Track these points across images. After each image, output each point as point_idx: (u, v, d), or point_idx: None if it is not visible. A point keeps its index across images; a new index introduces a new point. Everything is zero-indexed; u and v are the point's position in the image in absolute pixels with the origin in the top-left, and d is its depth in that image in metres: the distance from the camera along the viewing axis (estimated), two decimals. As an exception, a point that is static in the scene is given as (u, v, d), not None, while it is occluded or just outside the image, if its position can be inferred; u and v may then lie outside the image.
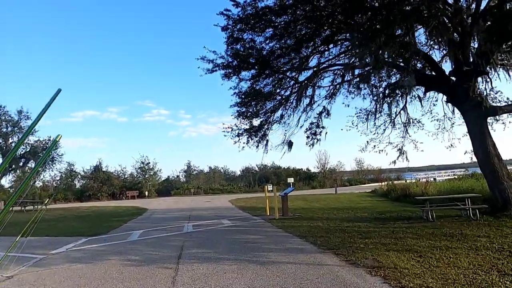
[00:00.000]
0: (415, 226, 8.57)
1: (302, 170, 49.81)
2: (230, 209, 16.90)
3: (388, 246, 6.30)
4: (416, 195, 17.84)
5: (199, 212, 15.94)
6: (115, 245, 7.96)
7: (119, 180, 38.10)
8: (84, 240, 9.09)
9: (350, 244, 6.69)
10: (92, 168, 37.99)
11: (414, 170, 56.76)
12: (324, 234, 7.99)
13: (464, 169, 40.98)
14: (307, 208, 15.64)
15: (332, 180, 48.42)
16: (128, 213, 17.59)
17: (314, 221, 10.71)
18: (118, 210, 19.68)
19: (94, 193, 36.00)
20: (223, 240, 7.92)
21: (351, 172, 55.82)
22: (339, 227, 9.02)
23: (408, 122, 14.46)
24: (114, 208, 22.02)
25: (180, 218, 13.57)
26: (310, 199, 20.59)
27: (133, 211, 18.75)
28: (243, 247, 6.96)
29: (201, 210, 17.08)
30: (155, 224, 11.89)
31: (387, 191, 22.32)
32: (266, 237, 8.10)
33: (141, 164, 39.85)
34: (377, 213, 12.35)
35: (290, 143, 11.64)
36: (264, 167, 50.35)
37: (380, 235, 7.50)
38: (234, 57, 9.95)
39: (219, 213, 14.98)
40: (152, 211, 18.06)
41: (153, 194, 39.14)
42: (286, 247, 6.75)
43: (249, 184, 44.37)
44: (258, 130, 11.78)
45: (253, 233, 8.75)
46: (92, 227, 11.94)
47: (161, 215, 15.92)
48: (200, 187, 43.51)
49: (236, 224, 10.95)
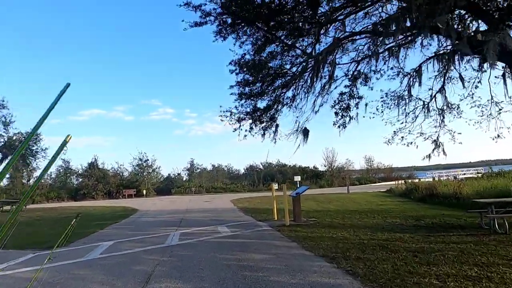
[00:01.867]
0: (485, 241, 6.09)
1: (309, 168, 47.25)
2: (230, 211, 14.50)
3: (481, 284, 3.85)
4: (445, 195, 15.52)
5: (194, 215, 13.57)
6: (59, 268, 5.56)
7: (115, 178, 35.84)
8: (30, 256, 6.75)
9: (411, 276, 4.24)
10: (87, 165, 35.79)
11: (419, 169, 53.93)
12: (360, 253, 5.55)
13: (481, 167, 38.31)
14: (321, 210, 13.19)
15: (341, 178, 45.87)
16: (114, 215, 15.27)
17: (336, 229, 8.27)
18: (105, 212, 17.39)
19: (89, 191, 33.83)
20: (213, 262, 5.50)
21: (359, 170, 53.19)
22: (376, 241, 6.57)
23: (447, 107, 11.94)
24: (102, 208, 19.74)
25: (169, 223, 11.20)
26: (321, 200, 18.11)
27: (120, 212, 16.43)
28: (240, 279, 4.55)
29: (198, 212, 14.71)
30: (136, 232, 9.53)
31: (407, 191, 20.15)
32: (275, 257, 5.66)
33: (139, 161, 37.56)
34: (411, 218, 9.88)
35: (305, 131, 9.04)
36: (269, 165, 47.91)
37: (448, 258, 5.03)
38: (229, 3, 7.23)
39: (217, 217, 12.58)
40: (141, 213, 15.73)
41: (152, 193, 36.87)
42: (309, 281, 4.30)
43: (253, 182, 41.95)
44: (265, 113, 9.29)
45: (257, 250, 6.32)
46: (58, 235, 9.63)
47: (149, 218, 13.58)
48: (202, 186, 41.21)
49: (236, 233, 8.54)
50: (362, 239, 6.91)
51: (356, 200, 17.45)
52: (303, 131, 9.01)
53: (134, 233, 9.38)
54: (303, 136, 8.98)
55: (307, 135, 8.99)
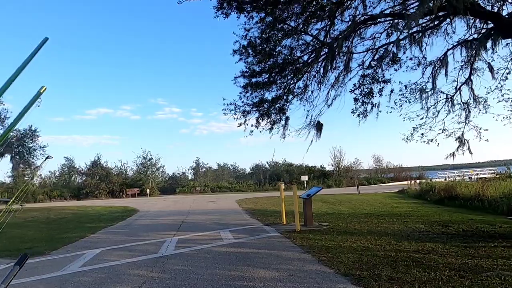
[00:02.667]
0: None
1: (316, 168, 45.99)
2: (235, 213, 13.54)
3: None
4: (466, 197, 14.49)
5: (196, 217, 12.63)
6: (25, 286, 4.67)
7: (118, 177, 35.13)
8: (2, 267, 5.86)
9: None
10: (90, 163, 35.18)
11: (426, 169, 52.27)
12: (391, 271, 4.52)
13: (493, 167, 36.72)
14: (332, 213, 12.15)
15: (349, 178, 44.59)
16: (111, 216, 14.43)
17: (353, 237, 7.25)
18: (103, 212, 16.56)
19: (91, 190, 33.21)
20: (212, 282, 4.52)
21: (366, 170, 51.73)
22: (405, 253, 5.53)
23: (473, 101, 10.80)
24: (101, 208, 18.92)
25: (167, 227, 10.28)
26: (332, 201, 17.06)
27: (118, 213, 15.58)
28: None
29: (200, 214, 13.78)
30: (128, 238, 8.61)
31: (422, 192, 19.09)
32: (287, 276, 4.66)
33: (142, 160, 36.81)
34: (436, 224, 8.81)
35: (319, 126, 7.97)
36: (275, 164, 46.84)
37: (507, 281, 3.98)
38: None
39: (221, 219, 11.62)
40: (140, 215, 14.85)
41: (156, 192, 36.12)
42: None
43: (259, 182, 40.96)
44: (273, 104, 8.25)
45: (266, 264, 5.33)
46: (44, 240, 8.76)
47: (148, 220, 12.68)
48: (207, 185, 40.36)
49: (240, 240, 7.55)
50: (387, 250, 5.87)
51: (369, 202, 16.35)
52: (316, 125, 7.98)
53: (127, 238, 8.46)
54: (316, 130, 7.95)
55: (321, 130, 7.97)
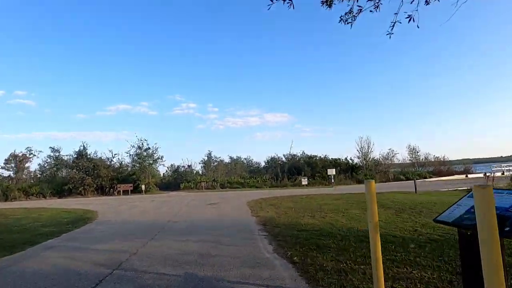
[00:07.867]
0: None
1: (341, 160, 39.08)
2: (242, 233, 7.28)
3: None
4: None
5: (166, 243, 6.45)
6: None
7: (108, 170, 29.41)
8: None
9: None
10: (74, 154, 29.56)
11: (468, 162, 45.47)
12: None
13: None
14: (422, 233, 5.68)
15: (382, 173, 37.62)
16: (35, 232, 8.47)
17: None
18: (38, 221, 10.65)
19: (76, 186, 27.70)
20: None
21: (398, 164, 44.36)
22: None
23: None
24: (49, 215, 13.02)
25: (90, 274, 4.13)
26: (386, 203, 10.59)
27: (53, 227, 9.57)
28: None
29: (178, 235, 7.60)
30: None
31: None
32: None
33: (137, 150, 31.00)
34: None
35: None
36: (293, 157, 40.25)
37: None
38: None
39: (207, 254, 5.41)
40: (84, 230, 8.83)
41: (153, 188, 30.33)
42: None
43: (276, 176, 34.60)
44: None
45: None
46: None
47: (63, 253, 6.60)
48: (216, 180, 34.36)
49: None
50: None
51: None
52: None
53: None
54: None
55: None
